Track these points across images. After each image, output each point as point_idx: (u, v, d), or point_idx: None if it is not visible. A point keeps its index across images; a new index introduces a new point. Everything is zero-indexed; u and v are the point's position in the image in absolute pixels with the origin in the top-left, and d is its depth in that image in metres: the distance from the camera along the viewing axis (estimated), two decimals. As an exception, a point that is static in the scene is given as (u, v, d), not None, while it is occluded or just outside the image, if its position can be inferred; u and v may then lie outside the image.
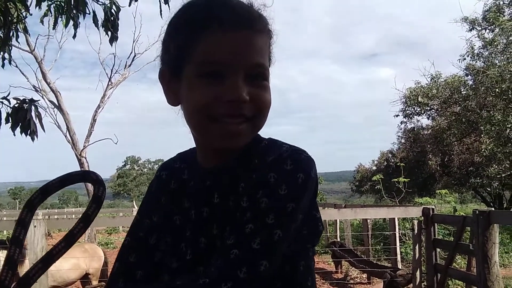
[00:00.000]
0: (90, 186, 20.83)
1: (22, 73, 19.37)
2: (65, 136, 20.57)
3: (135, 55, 21.06)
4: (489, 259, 4.52)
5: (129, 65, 21.67)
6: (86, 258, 6.88)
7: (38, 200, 0.85)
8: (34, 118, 3.16)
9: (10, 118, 3.14)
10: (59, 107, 20.08)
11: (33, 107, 3.17)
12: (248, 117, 0.86)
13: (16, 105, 3.18)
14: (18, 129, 3.19)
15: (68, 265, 6.48)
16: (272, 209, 0.79)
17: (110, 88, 21.62)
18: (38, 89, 19.88)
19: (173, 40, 0.90)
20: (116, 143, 20.50)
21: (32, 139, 3.17)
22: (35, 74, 19.71)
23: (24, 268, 5.17)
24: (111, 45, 4.29)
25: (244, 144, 0.89)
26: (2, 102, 3.10)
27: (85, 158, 20.63)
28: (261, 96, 0.87)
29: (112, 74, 21.30)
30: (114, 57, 21.56)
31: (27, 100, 3.16)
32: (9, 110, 3.19)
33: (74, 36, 4.17)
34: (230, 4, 0.87)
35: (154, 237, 0.98)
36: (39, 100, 3.20)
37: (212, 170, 0.93)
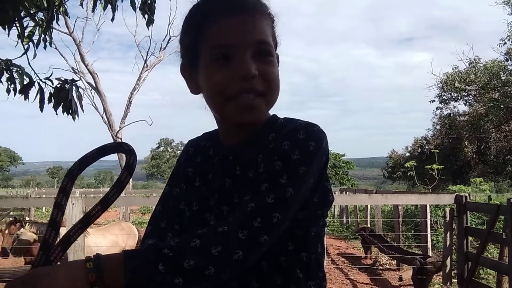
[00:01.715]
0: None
1: (61, 55, 19.92)
2: (102, 117, 21.09)
3: (170, 38, 21.26)
4: (522, 248, 4.46)
5: (164, 48, 21.92)
6: (124, 235, 7.17)
7: (77, 170, 0.93)
8: (75, 98, 3.29)
9: (52, 98, 3.28)
10: (96, 89, 20.59)
11: (74, 88, 3.30)
12: (259, 92, 0.94)
13: (58, 86, 3.32)
14: (60, 108, 3.33)
15: (106, 242, 6.81)
16: (285, 171, 0.88)
17: (146, 71, 21.97)
18: (76, 71, 20.40)
19: (186, 36, 1.02)
20: (150, 125, 20.92)
21: (73, 118, 3.31)
22: (74, 56, 20.23)
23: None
24: (148, 28, 4.37)
25: (262, 119, 0.99)
26: (45, 83, 3.24)
27: (121, 139, 21.10)
28: (268, 71, 0.95)
29: (148, 57, 21.63)
30: (150, 39, 21.87)
31: (68, 81, 3.29)
32: (52, 90, 3.33)
33: (113, 19, 4.27)
34: None
35: (183, 204, 1.08)
36: (79, 80, 3.33)
37: (234, 146, 1.03)
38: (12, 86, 3.33)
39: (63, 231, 0.87)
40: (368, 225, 10.51)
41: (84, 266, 0.75)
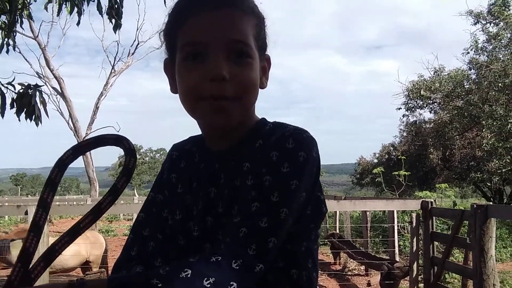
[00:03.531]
0: (92, 174, 20.85)
1: (26, 60, 19.42)
2: (68, 123, 20.64)
3: (138, 43, 21.06)
4: (485, 253, 4.56)
5: (133, 53, 21.68)
6: (88, 245, 6.92)
7: (70, 159, 0.88)
8: (38, 104, 3.20)
9: (15, 103, 3.17)
10: (62, 94, 20.13)
11: (37, 93, 3.20)
12: (230, 97, 0.87)
13: (21, 91, 3.21)
14: (23, 114, 3.23)
15: (68, 252, 6.36)
16: (275, 187, 0.84)
17: (113, 76, 21.65)
18: (41, 76, 19.92)
19: (167, 32, 0.96)
20: (118, 131, 20.58)
21: (37, 124, 3.21)
22: (38, 60, 19.78)
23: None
24: (115, 32, 4.31)
25: (234, 123, 0.92)
26: (7, 88, 3.14)
27: (87, 145, 20.68)
28: (243, 74, 0.88)
29: (116, 62, 21.33)
30: (118, 44, 21.64)
31: (31, 86, 3.20)
32: (14, 96, 3.22)
33: (78, 23, 4.19)
34: None
35: (166, 212, 1.02)
36: (43, 85, 3.24)
37: (220, 153, 0.98)
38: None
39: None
40: (337, 231, 10.60)
41: None
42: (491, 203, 12.88)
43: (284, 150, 0.87)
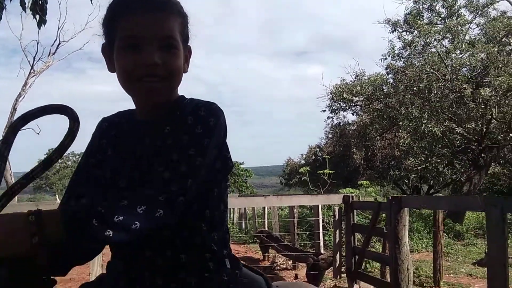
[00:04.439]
0: (10, 179, 19.66)
1: None
2: (-18, 125, 19.40)
3: (59, 43, 20.22)
4: (399, 240, 4.94)
5: (53, 53, 20.76)
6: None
7: (20, 125, 1.03)
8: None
9: None
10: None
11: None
12: (161, 77, 1.09)
13: None
14: None
15: None
16: (192, 143, 1.05)
17: (33, 76, 20.60)
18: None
19: (105, 23, 1.16)
20: (38, 133, 19.57)
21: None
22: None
23: None
24: (39, 28, 4.20)
25: (163, 100, 1.14)
26: None
27: (5, 148, 19.53)
28: (171, 61, 1.11)
29: (35, 62, 20.31)
30: (37, 44, 20.56)
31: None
32: None
33: (0, 19, 4.04)
34: None
35: (98, 172, 1.20)
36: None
37: (145, 121, 1.19)
38: None
39: None
40: (266, 228, 10.86)
41: (26, 218, 0.86)
42: (407, 198, 13.73)
43: (197, 116, 1.10)
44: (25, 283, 0.89)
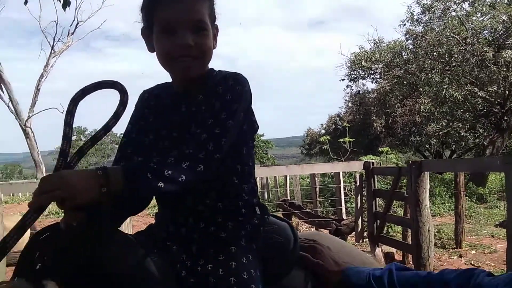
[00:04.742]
0: (37, 157, 20.19)
1: None
2: (8, 106, 19.85)
3: (78, 23, 20.41)
4: (420, 203, 5.03)
5: (72, 33, 20.99)
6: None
7: (80, 99, 1.22)
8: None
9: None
10: (-1, 77, 19.26)
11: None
12: (194, 56, 1.28)
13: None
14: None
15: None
16: (223, 108, 1.23)
17: (53, 57, 20.93)
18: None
19: (144, 9, 1.34)
20: (62, 112, 19.96)
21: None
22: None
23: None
24: (65, 10, 4.34)
25: (196, 75, 1.31)
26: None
27: (30, 128, 20.04)
28: (202, 42, 1.29)
29: (55, 43, 20.61)
30: (56, 25, 20.81)
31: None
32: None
33: (26, 2, 4.19)
34: None
35: (142, 136, 1.40)
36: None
37: (181, 91, 1.38)
38: None
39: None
40: (288, 197, 11.05)
41: (96, 173, 1.05)
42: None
43: (226, 85, 1.27)
44: (97, 225, 1.09)
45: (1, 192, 6.16)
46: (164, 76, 1.41)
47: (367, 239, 6.44)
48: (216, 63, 1.34)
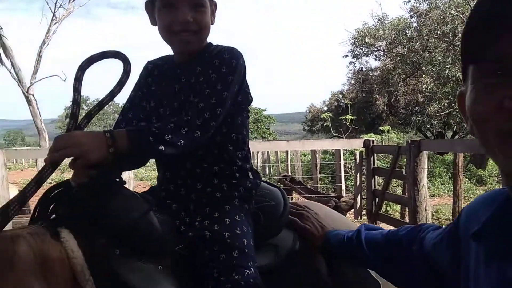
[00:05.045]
0: (40, 124, 20.22)
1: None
2: (10, 72, 19.74)
3: (78, -13, 20.07)
4: (418, 182, 5.09)
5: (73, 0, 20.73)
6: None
7: (86, 67, 1.33)
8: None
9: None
10: (1, 43, 19.11)
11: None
12: (193, 31, 1.39)
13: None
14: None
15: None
16: (219, 80, 1.35)
17: (55, 23, 20.72)
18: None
19: None
20: (64, 80, 19.87)
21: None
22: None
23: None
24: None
25: (195, 49, 1.44)
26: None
27: (33, 95, 20.00)
28: (200, 18, 1.39)
29: (56, 9, 20.37)
30: (57, -11, 20.53)
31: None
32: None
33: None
34: None
35: (144, 102, 1.53)
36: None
37: (181, 63, 1.49)
38: None
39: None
40: (289, 173, 11.12)
41: (104, 135, 1.17)
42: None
43: (222, 58, 1.38)
44: (104, 181, 1.20)
45: (6, 158, 6.23)
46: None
47: (366, 217, 6.53)
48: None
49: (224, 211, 1.39)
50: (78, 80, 1.30)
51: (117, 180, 1.27)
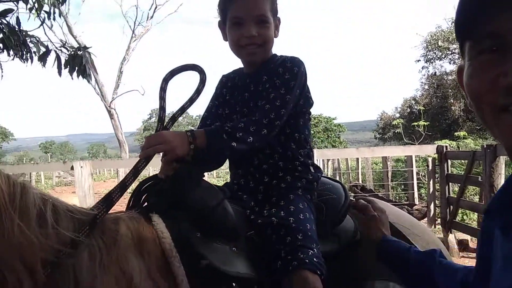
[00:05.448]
0: (121, 137, 21.39)
1: (49, 28, 19.76)
2: (94, 88, 21.14)
3: (156, 7, 21.25)
4: (495, 189, 4.90)
5: (151, 17, 21.89)
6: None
7: (169, 79, 1.55)
8: (89, 63, 3.64)
9: (68, 64, 3.62)
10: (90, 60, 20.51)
11: (86, 54, 3.64)
12: (258, 44, 1.60)
13: (72, 53, 3.65)
14: (75, 73, 3.68)
15: None
16: (283, 85, 1.56)
17: (134, 41, 21.98)
18: (65, 43, 20.28)
19: (220, 6, 1.66)
20: (143, 95, 21.03)
21: (88, 81, 3.68)
22: (61, 28, 20.04)
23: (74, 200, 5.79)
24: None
25: (260, 60, 1.65)
26: (61, 50, 3.58)
27: (115, 109, 21.26)
28: (264, 32, 1.60)
29: (136, 27, 21.63)
30: (137, 9, 21.81)
31: (81, 48, 3.63)
32: (66, 57, 3.66)
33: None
34: None
35: (220, 110, 1.76)
36: (90, 47, 3.67)
37: (250, 74, 1.71)
38: (28, 54, 3.65)
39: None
40: (360, 182, 11.01)
41: (186, 134, 1.39)
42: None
43: (285, 67, 1.58)
44: (187, 174, 1.39)
45: (92, 167, 6.79)
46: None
47: (440, 225, 6.35)
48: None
49: (289, 199, 1.55)
50: (163, 90, 1.52)
51: (198, 173, 1.45)
